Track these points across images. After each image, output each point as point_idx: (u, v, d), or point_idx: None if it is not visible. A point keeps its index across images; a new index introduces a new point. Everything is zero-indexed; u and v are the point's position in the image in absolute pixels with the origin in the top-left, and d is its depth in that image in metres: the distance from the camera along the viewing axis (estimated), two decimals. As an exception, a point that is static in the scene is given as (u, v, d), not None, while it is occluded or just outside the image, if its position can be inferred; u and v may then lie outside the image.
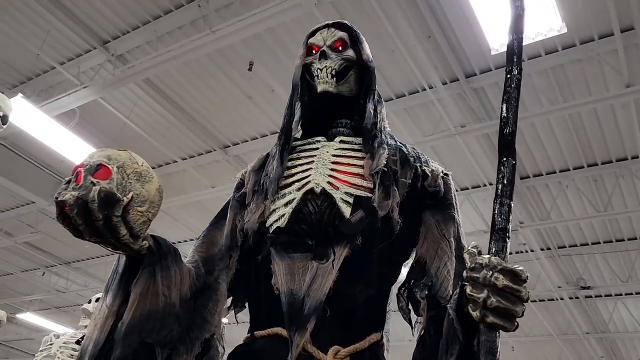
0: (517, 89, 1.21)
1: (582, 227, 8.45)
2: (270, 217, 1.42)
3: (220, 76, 6.57)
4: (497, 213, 1.11)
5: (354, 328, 1.35)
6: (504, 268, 1.02)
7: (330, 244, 1.35)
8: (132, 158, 1.19)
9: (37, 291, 12.91)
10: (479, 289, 1.02)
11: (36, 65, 6.75)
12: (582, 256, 9.01)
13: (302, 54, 1.64)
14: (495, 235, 1.09)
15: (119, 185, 1.12)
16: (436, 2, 5.32)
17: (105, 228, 1.11)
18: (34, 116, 6.25)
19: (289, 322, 1.28)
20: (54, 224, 9.77)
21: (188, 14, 5.79)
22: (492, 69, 5.96)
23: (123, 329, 1.17)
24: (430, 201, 1.49)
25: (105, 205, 1.09)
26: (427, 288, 1.36)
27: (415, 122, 6.78)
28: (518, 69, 1.23)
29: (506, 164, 1.13)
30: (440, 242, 1.41)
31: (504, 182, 1.12)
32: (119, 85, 6.37)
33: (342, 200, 1.38)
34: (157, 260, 1.24)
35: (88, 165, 1.13)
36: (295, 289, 1.31)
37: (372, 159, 1.46)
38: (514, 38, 1.26)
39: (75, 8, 6.03)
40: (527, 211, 8.03)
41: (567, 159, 7.09)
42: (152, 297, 1.21)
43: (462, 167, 7.38)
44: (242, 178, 1.64)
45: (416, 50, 5.64)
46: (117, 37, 6.32)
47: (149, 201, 1.17)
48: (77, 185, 1.09)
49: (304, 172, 1.47)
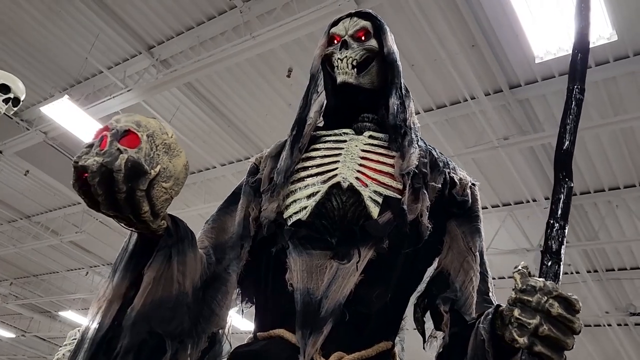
0: (577, 108, 1.15)
1: (633, 250, 8.02)
2: (289, 208, 1.32)
3: (261, 82, 6.61)
4: (551, 235, 1.05)
5: (363, 334, 1.27)
6: (559, 295, 0.95)
7: (355, 244, 1.26)
8: (162, 127, 1.07)
9: (81, 290, 13.26)
10: (530, 314, 0.95)
11: (85, 68, 6.98)
12: (632, 281, 8.56)
13: (322, 43, 1.55)
14: (548, 258, 1.03)
15: (146, 156, 1.00)
16: (480, 10, 5.19)
17: (126, 202, 0.99)
18: (79, 118, 6.45)
19: (302, 323, 1.20)
20: (98, 225, 10.09)
21: (230, 20, 5.87)
22: (538, 80, 5.76)
23: (133, 315, 1.07)
24: (457, 210, 1.42)
25: (131, 176, 0.97)
26: (451, 302, 1.28)
27: (456, 133, 6.61)
28: (580, 87, 1.16)
29: (563, 184, 1.08)
30: (466, 255, 1.35)
31: (559, 204, 1.07)
32: (162, 89, 6.51)
33: (370, 199, 1.29)
34: (174, 243, 1.13)
35: (114, 129, 1.00)
36: (312, 288, 1.23)
37: (403, 158, 1.37)
38: (577, 54, 1.20)
39: (123, 14, 6.22)
40: (574, 230, 7.69)
41: (618, 177, 6.75)
42: (166, 283, 1.11)
43: (504, 182, 7.15)
44: (256, 163, 1.53)
45: (459, 59, 5.51)
46: (162, 42, 6.48)
47: (174, 177, 1.06)
48: (101, 151, 0.97)
49: (330, 165, 1.37)
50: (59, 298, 13.87)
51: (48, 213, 10.68)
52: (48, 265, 12.85)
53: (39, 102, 7.64)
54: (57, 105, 6.42)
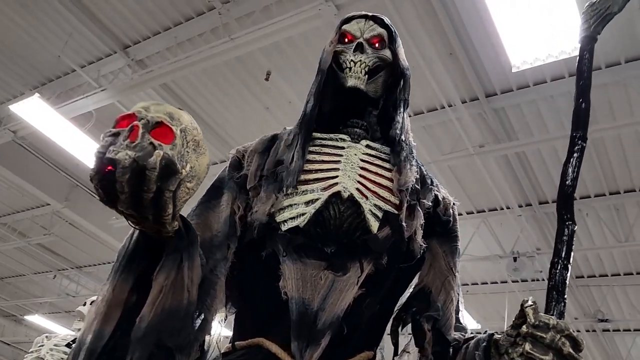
0: (579, 153, 1.24)
1: (601, 257, 8.20)
2: (283, 212, 1.27)
3: (239, 85, 6.56)
4: (557, 276, 1.11)
5: (349, 344, 1.26)
6: (570, 334, 1.01)
7: (351, 256, 1.25)
8: (192, 122, 0.97)
9: (48, 294, 12.94)
10: (543, 350, 1.00)
11: (57, 66, 6.81)
12: (600, 288, 8.74)
13: (333, 39, 1.49)
14: (556, 297, 1.09)
15: (179, 154, 0.91)
16: (458, 19, 5.25)
17: (151, 202, 0.89)
18: (50, 117, 6.28)
19: (298, 335, 1.17)
20: (67, 227, 9.87)
21: (208, 22, 5.80)
22: (513, 89, 5.84)
23: (143, 327, 0.96)
24: (439, 229, 1.43)
25: (164, 176, 0.88)
26: (433, 320, 1.30)
27: (433, 140, 6.67)
28: (582, 135, 1.26)
29: (568, 225, 1.17)
30: (447, 275, 1.38)
31: (564, 245, 1.14)
32: (136, 90, 6.39)
33: (370, 213, 1.27)
34: (185, 247, 1.04)
35: (145, 119, 0.89)
36: (308, 298, 1.19)
37: (400, 173, 1.35)
38: (581, 104, 1.31)
39: (98, 12, 6.09)
40: (545, 238, 7.82)
41: (588, 186, 6.89)
42: (176, 291, 1.01)
43: (479, 189, 7.23)
44: (238, 156, 1.44)
45: (437, 67, 5.56)
46: (138, 42, 6.36)
47: (197, 177, 0.96)
48: (132, 143, 0.86)
49: (330, 172, 1.33)
50: (25, 302, 13.51)
51: (15, 214, 10.38)
52: (14, 268, 12.49)
53: (8, 100, 7.42)
54: (27, 104, 6.22)
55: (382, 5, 4.73)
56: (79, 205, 9.00)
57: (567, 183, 1.21)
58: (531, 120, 6.13)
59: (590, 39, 1.35)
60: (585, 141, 1.25)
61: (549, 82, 5.62)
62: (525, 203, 7.36)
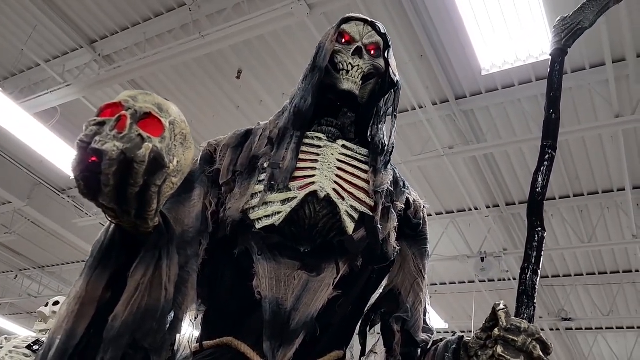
0: (549, 162, 1.27)
1: (565, 257, 8.40)
2: (257, 209, 1.24)
3: (209, 83, 6.47)
4: (527, 281, 1.13)
5: (319, 344, 1.25)
6: (540, 338, 1.03)
7: (325, 256, 1.24)
8: (180, 115, 0.93)
9: (9, 294, 12.56)
10: (514, 353, 1.02)
11: (20, 60, 6.60)
12: (564, 287, 8.95)
13: (333, 37, 1.46)
14: (526, 301, 1.12)
15: (167, 147, 0.87)
16: (430, 22, 5.29)
17: (136, 196, 0.85)
18: (12, 112, 6.07)
19: (271, 335, 1.16)
20: (29, 225, 9.59)
21: (179, 18, 5.70)
22: (483, 92, 5.93)
23: (117, 325, 0.92)
24: (409, 231, 1.44)
25: (151, 170, 0.84)
26: (402, 322, 1.32)
27: (403, 141, 6.71)
28: (551, 144, 1.28)
29: (538, 232, 1.18)
30: (416, 277, 1.40)
31: (534, 250, 1.16)
32: (103, 86, 6.23)
33: (347, 214, 1.26)
34: (165, 244, 1.01)
35: (132, 109, 0.84)
36: (281, 298, 1.18)
37: (375, 174, 1.35)
38: (551, 115, 1.34)
39: (64, 4, 5.92)
40: (511, 238, 7.97)
41: (554, 188, 7.05)
42: (153, 289, 0.97)
43: (448, 190, 7.32)
44: (210, 150, 1.40)
45: (408, 69, 5.59)
46: (105, 37, 6.22)
47: (182, 172, 0.92)
48: (119, 134, 0.82)
49: (306, 170, 1.31)
50: (-16, 302, 13.11)
51: (-26, 212, 10.06)
52: (-27, 267, 12.11)
53: (-32, 94, 7.17)
54: (-13, 98, 6.03)
55: (354, 6, 4.74)
56: (42, 204, 8.76)
57: (537, 190, 1.23)
58: (499, 122, 6.23)
59: (560, 51, 1.38)
60: (555, 150, 1.27)
61: (517, 86, 5.73)
62: (492, 204, 7.49)
